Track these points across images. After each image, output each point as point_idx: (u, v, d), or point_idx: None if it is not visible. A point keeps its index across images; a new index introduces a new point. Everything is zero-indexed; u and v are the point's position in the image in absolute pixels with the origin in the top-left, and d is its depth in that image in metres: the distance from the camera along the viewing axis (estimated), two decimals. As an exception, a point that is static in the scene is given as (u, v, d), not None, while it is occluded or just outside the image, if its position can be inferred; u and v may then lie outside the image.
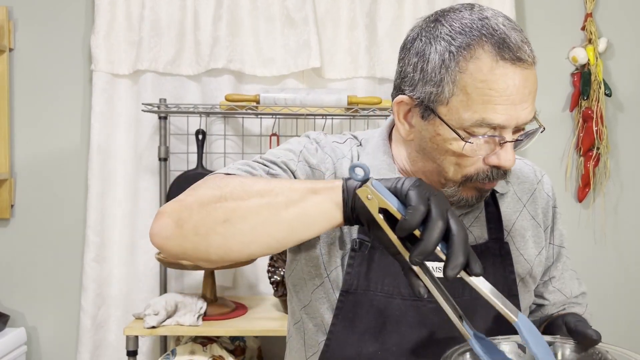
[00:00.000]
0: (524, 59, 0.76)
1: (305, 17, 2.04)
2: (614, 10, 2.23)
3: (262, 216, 0.70)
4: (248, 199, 0.71)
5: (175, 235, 0.73)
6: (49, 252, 2.13)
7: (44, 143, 2.12)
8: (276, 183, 0.73)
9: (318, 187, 0.70)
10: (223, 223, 0.70)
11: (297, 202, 0.69)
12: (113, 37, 2.03)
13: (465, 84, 0.77)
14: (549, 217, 0.99)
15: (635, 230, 2.29)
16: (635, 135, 2.26)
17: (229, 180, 0.75)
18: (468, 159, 0.81)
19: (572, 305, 1.02)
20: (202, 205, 0.72)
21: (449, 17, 0.80)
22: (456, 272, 0.62)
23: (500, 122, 0.77)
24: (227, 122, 2.10)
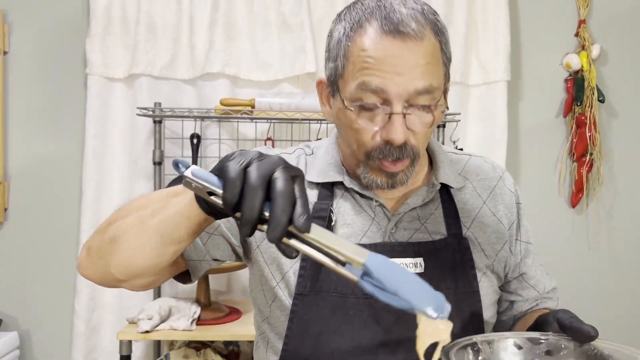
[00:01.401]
0: (406, 32, 0.79)
1: (301, 22, 2.04)
2: (607, 17, 2.25)
3: (136, 228, 0.75)
4: (127, 215, 0.77)
5: (88, 263, 0.82)
6: (42, 256, 2.12)
7: (38, 146, 2.11)
8: (154, 195, 0.78)
9: (178, 189, 0.72)
10: (110, 242, 0.77)
11: (160, 209, 0.73)
12: (108, 41, 2.03)
13: (351, 55, 0.82)
14: (514, 213, 0.98)
15: (628, 235, 2.30)
16: (628, 141, 2.28)
17: (124, 205, 0.82)
18: (364, 132, 0.83)
19: (545, 300, 1.03)
20: (99, 231, 0.81)
21: (357, 3, 0.86)
22: (277, 234, 0.58)
23: (377, 85, 0.79)
24: (222, 126, 2.10)
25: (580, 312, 1.08)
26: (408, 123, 0.81)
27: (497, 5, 2.12)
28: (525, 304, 1.02)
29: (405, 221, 0.92)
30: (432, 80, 0.81)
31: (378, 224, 0.91)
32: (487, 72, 2.14)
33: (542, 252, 2.40)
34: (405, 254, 0.89)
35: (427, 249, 0.90)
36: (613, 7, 2.25)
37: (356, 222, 0.91)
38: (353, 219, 0.91)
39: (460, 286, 0.90)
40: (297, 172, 0.62)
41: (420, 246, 0.90)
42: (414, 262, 0.88)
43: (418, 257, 0.89)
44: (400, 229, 0.91)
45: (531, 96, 2.25)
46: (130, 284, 0.81)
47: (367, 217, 0.91)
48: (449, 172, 0.95)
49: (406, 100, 0.80)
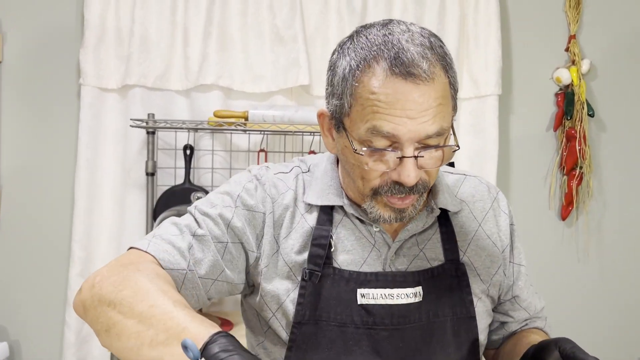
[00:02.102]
0: (417, 74, 0.76)
1: (295, 35, 2.06)
2: (596, 33, 2.28)
3: (130, 342, 0.71)
4: (129, 318, 0.72)
5: (83, 316, 0.80)
6: (33, 266, 2.11)
7: (31, 156, 2.11)
8: (159, 311, 0.71)
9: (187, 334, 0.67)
10: (105, 332, 0.75)
11: (159, 344, 0.69)
12: (102, 52, 2.03)
13: (359, 96, 0.79)
14: (507, 236, 0.98)
15: (617, 248, 2.32)
16: (617, 155, 2.31)
17: (130, 282, 0.76)
18: (372, 172, 0.81)
19: (534, 320, 1.03)
20: (98, 304, 0.76)
21: (360, 33, 0.83)
22: None
23: (389, 130, 0.77)
24: (215, 138, 2.10)
25: (570, 323, 1.09)
26: (420, 164, 0.80)
27: (489, 20, 2.15)
28: (516, 325, 1.03)
29: (405, 247, 0.91)
30: (443, 122, 0.79)
31: (378, 250, 0.90)
32: (478, 86, 2.17)
33: (532, 264, 2.41)
34: (406, 284, 0.88)
35: (425, 277, 0.90)
36: (602, 23, 2.28)
37: (356, 248, 0.90)
38: (353, 245, 0.90)
39: (458, 312, 0.90)
40: None
41: (420, 275, 0.90)
42: (414, 292, 0.88)
43: (417, 287, 0.89)
44: (400, 255, 0.91)
45: (522, 110, 2.28)
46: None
47: (367, 244, 0.90)
48: (447, 196, 0.94)
49: (417, 142, 0.79)
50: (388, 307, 0.87)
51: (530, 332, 1.00)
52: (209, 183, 2.09)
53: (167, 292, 0.75)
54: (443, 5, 2.12)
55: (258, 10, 2.07)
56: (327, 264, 0.88)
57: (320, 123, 0.89)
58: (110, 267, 0.81)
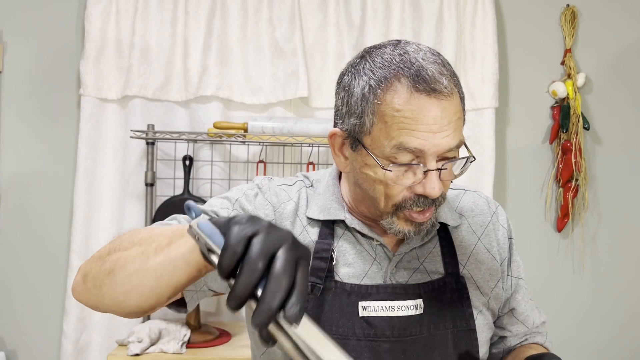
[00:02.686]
0: (439, 90, 0.79)
1: (294, 48, 2.08)
2: (592, 47, 2.31)
3: (135, 264, 0.70)
4: (129, 248, 0.72)
5: (83, 289, 0.78)
6: (32, 275, 2.11)
7: (30, 166, 2.12)
8: (158, 230, 0.73)
9: (185, 230, 0.67)
10: (108, 274, 0.73)
11: (164, 247, 0.68)
12: (102, 63, 2.05)
13: (383, 114, 0.80)
14: (505, 249, 1.00)
15: (612, 260, 2.34)
16: (613, 167, 2.33)
17: (125, 233, 0.77)
18: (394, 187, 0.83)
19: (534, 335, 1.04)
20: (97, 259, 0.76)
21: (373, 53, 0.85)
22: (262, 320, 0.53)
23: (416, 146, 0.79)
24: (214, 148, 2.12)
25: (565, 334, 1.10)
26: (441, 176, 0.83)
27: (485, 35, 2.18)
28: (515, 339, 1.03)
29: (405, 261, 0.93)
30: (461, 136, 0.83)
31: (379, 264, 0.92)
32: (475, 99, 2.19)
33: (529, 275, 2.42)
34: (407, 297, 0.90)
35: (426, 289, 0.91)
36: (598, 37, 2.31)
37: (357, 262, 0.92)
38: (354, 259, 0.92)
39: (458, 325, 0.92)
40: (303, 252, 0.57)
41: (420, 287, 0.91)
42: (415, 304, 0.90)
43: (418, 299, 0.90)
44: (401, 269, 0.92)
45: (518, 123, 2.30)
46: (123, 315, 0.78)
47: (368, 257, 0.92)
48: (447, 211, 0.96)
49: (439, 155, 0.82)
50: (389, 319, 0.88)
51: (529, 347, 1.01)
52: (208, 194, 2.10)
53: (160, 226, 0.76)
54: (441, 20, 2.15)
55: (258, 23, 2.09)
56: (329, 277, 0.89)
57: (332, 143, 0.90)
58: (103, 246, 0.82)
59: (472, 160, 0.85)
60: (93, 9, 2.03)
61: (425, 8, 2.14)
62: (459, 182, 2.31)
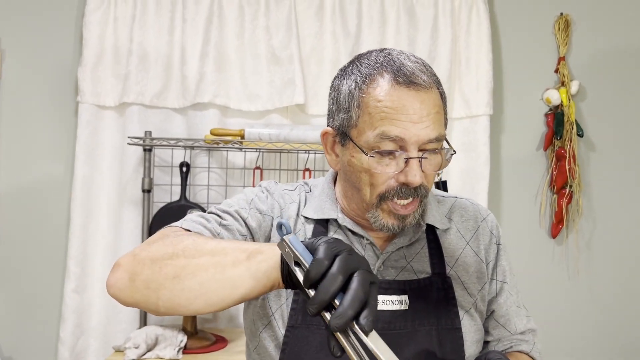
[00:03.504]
0: (418, 83, 0.86)
1: (291, 55, 2.10)
2: (585, 55, 2.33)
3: (209, 273, 0.73)
4: (199, 257, 0.75)
5: (128, 287, 0.78)
6: (28, 281, 2.12)
7: (28, 172, 2.12)
8: (227, 243, 0.77)
9: (264, 247, 0.73)
10: (172, 279, 0.74)
11: (243, 260, 0.73)
12: (100, 70, 2.06)
13: (366, 106, 0.87)
14: (491, 254, 1.03)
15: (607, 266, 2.36)
16: (606, 174, 2.35)
17: (183, 238, 0.79)
18: (378, 176, 0.88)
19: (519, 342, 1.04)
20: (154, 261, 0.77)
21: (361, 58, 0.93)
22: (340, 323, 0.61)
23: (397, 134, 0.85)
24: (211, 155, 2.13)
25: (560, 339, 1.10)
26: (422, 166, 0.88)
27: (480, 43, 2.20)
28: (498, 345, 1.04)
29: (393, 259, 0.97)
30: (441, 129, 0.89)
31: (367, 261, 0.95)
32: (469, 106, 2.21)
33: (523, 281, 2.42)
34: (392, 291, 0.93)
35: (412, 286, 0.94)
36: (591, 45, 2.34)
37: None
38: None
39: (443, 323, 0.94)
40: (374, 279, 0.65)
41: (406, 284, 0.94)
42: (399, 300, 0.93)
43: (403, 295, 0.94)
44: (388, 267, 0.96)
45: (513, 130, 2.32)
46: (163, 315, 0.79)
47: None
48: (435, 214, 1.01)
49: (419, 146, 0.87)
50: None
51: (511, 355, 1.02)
52: (205, 200, 2.12)
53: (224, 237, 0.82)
54: (435, 28, 2.17)
55: (254, 31, 2.11)
56: None
57: (324, 142, 0.97)
58: (147, 242, 0.83)
59: (452, 154, 0.91)
60: (91, 16, 2.05)
61: (421, 16, 2.16)
62: (455, 190, 2.31)
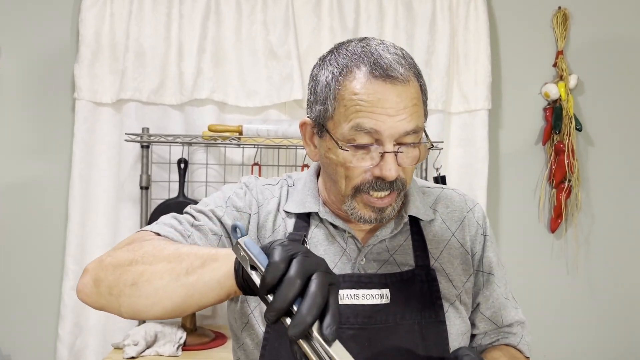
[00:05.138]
0: (395, 77, 0.85)
1: (288, 51, 2.09)
2: (583, 49, 2.33)
3: (164, 281, 0.73)
4: (156, 263, 0.75)
5: (93, 293, 0.80)
6: (27, 280, 2.11)
7: (25, 170, 2.11)
8: (186, 249, 0.76)
9: (220, 254, 0.71)
10: (131, 286, 0.75)
11: (197, 268, 0.72)
12: (97, 67, 2.05)
13: (342, 98, 0.86)
14: (477, 245, 1.01)
15: (605, 260, 2.36)
16: (605, 168, 2.35)
17: (145, 244, 0.79)
18: (354, 170, 0.87)
19: (506, 335, 1.03)
20: (115, 267, 0.78)
21: (340, 47, 0.91)
22: (297, 331, 0.58)
23: (372, 127, 0.84)
24: (209, 151, 2.12)
25: (559, 334, 1.09)
26: (399, 160, 0.87)
27: (478, 37, 2.19)
28: (486, 338, 1.03)
29: (375, 252, 0.96)
30: (418, 122, 0.87)
31: (349, 255, 0.95)
32: (468, 101, 2.20)
33: (522, 276, 2.42)
34: (372, 285, 0.92)
35: (393, 280, 0.93)
36: (589, 39, 2.33)
37: (328, 252, 0.95)
38: (326, 250, 0.95)
39: (426, 316, 0.93)
40: (335, 279, 0.63)
41: (387, 277, 0.93)
42: (380, 294, 0.92)
43: (384, 289, 0.92)
44: (370, 260, 0.95)
45: (511, 124, 2.32)
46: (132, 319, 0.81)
47: (339, 248, 0.96)
48: (419, 205, 0.99)
49: (396, 140, 0.86)
50: (353, 306, 0.91)
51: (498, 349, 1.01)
52: (203, 196, 2.10)
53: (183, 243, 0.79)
54: (434, 22, 2.16)
55: (252, 26, 2.10)
56: None
57: (303, 133, 0.96)
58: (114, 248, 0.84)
59: (429, 147, 0.91)
60: (87, 12, 2.03)
61: (419, 11, 2.16)
62: (454, 185, 2.31)
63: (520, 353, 1.03)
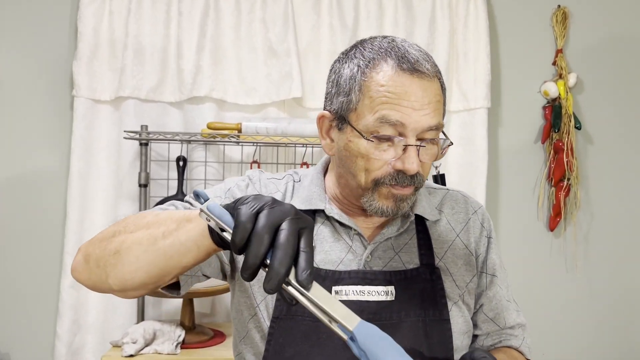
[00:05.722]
0: (422, 71, 0.86)
1: (288, 48, 2.08)
2: (583, 47, 2.33)
3: (143, 246, 0.74)
4: (136, 231, 0.77)
5: (84, 269, 0.82)
6: (25, 277, 2.10)
7: (23, 167, 2.11)
8: (164, 215, 0.77)
9: (194, 214, 0.72)
10: (114, 254, 0.77)
11: (173, 231, 0.73)
12: (96, 64, 2.04)
13: (368, 89, 0.87)
14: (482, 247, 1.02)
15: (604, 258, 2.36)
16: (604, 166, 2.35)
17: (130, 216, 0.82)
18: (375, 162, 0.87)
19: (508, 337, 1.03)
20: (101, 240, 0.80)
21: (364, 43, 0.92)
22: (273, 285, 0.59)
23: (397, 119, 0.85)
24: (208, 149, 2.12)
25: (558, 332, 1.10)
26: (420, 155, 0.87)
27: (478, 36, 2.19)
28: (487, 339, 1.03)
29: (380, 250, 0.96)
30: (440, 118, 0.89)
31: (354, 252, 0.95)
32: (467, 99, 2.20)
33: (521, 274, 2.42)
34: (377, 282, 0.93)
35: (398, 277, 0.94)
36: (588, 38, 2.33)
37: (334, 249, 0.95)
38: (331, 247, 0.95)
39: (430, 314, 0.94)
40: (305, 223, 0.62)
41: (393, 275, 0.94)
42: (385, 290, 0.93)
43: (389, 286, 0.93)
44: (376, 257, 0.96)
45: (510, 123, 2.32)
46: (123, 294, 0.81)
47: (345, 245, 0.96)
48: (425, 205, 1.00)
49: (418, 134, 0.87)
50: (359, 303, 0.91)
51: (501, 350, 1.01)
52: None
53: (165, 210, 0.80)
54: (433, 21, 2.16)
55: (251, 24, 2.09)
56: None
57: (320, 126, 0.95)
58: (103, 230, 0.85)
59: (449, 144, 0.91)
60: (86, 9, 2.03)
61: (418, 9, 2.16)
62: (453, 183, 2.30)
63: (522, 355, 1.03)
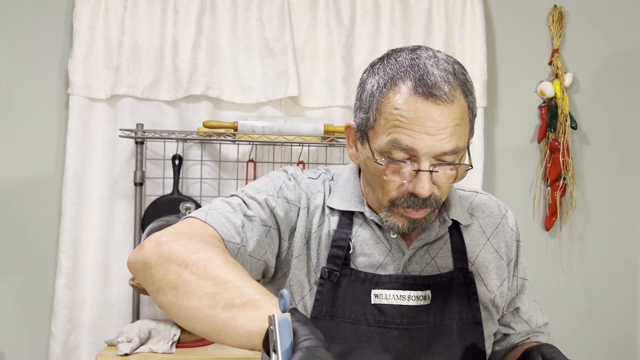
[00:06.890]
0: (438, 95, 0.83)
1: (284, 47, 2.08)
2: (579, 47, 2.33)
3: (201, 303, 0.71)
4: (203, 279, 0.73)
5: (140, 274, 0.81)
6: (19, 276, 2.09)
7: (18, 166, 2.10)
8: (235, 276, 0.73)
9: (264, 303, 0.68)
10: (171, 289, 0.75)
11: (235, 307, 0.69)
12: (91, 62, 2.04)
13: (384, 110, 0.86)
14: (513, 251, 1.04)
15: (600, 258, 2.36)
16: (600, 166, 2.35)
17: (202, 248, 0.77)
18: (390, 183, 0.87)
19: (536, 334, 1.08)
20: (166, 261, 0.77)
21: (391, 56, 0.90)
22: None
23: (408, 144, 0.83)
24: (204, 148, 2.11)
25: (553, 330, 1.12)
26: (434, 178, 0.86)
27: (474, 35, 2.19)
28: (518, 337, 1.07)
29: (418, 255, 0.97)
30: (459, 142, 0.85)
31: (393, 256, 0.96)
32: (464, 98, 2.20)
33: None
34: (416, 287, 0.94)
35: (435, 282, 0.95)
36: (584, 38, 2.34)
37: (373, 253, 0.96)
38: (371, 250, 0.96)
39: (464, 317, 0.95)
40: None
41: (430, 279, 0.95)
42: (423, 295, 0.94)
43: (427, 290, 0.94)
44: (413, 262, 0.96)
45: (507, 122, 2.32)
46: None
47: (384, 249, 0.96)
48: (459, 210, 1.00)
49: (433, 157, 0.85)
50: (399, 307, 0.93)
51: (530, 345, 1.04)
52: (197, 193, 2.10)
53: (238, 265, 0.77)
54: (430, 20, 2.16)
55: (247, 22, 2.09)
56: (345, 265, 0.94)
57: (347, 135, 0.96)
58: (173, 232, 0.82)
59: (468, 169, 0.88)
60: (82, 7, 2.02)
61: (415, 8, 2.15)
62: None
63: None
